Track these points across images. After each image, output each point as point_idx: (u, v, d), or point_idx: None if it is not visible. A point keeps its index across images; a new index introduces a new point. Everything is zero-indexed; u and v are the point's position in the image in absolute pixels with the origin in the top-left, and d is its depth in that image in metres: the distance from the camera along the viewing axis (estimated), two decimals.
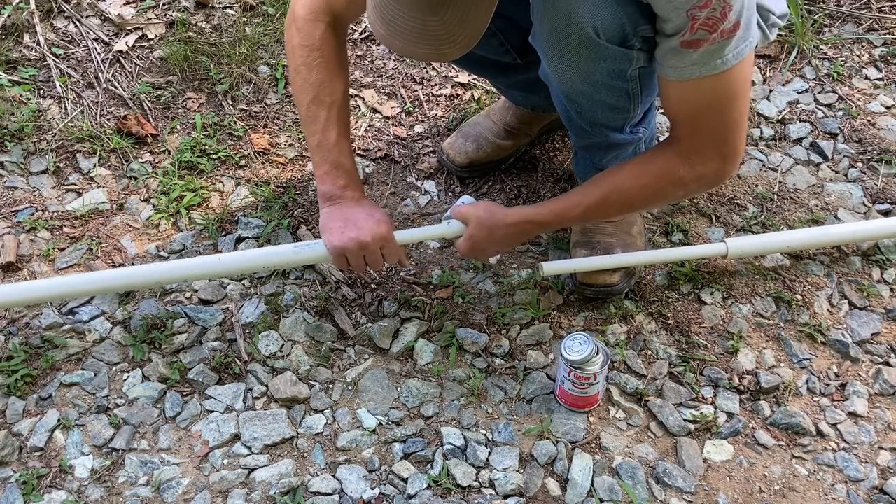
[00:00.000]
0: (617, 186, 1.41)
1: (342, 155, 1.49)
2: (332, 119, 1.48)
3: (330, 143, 1.48)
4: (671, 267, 1.70)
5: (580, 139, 1.58)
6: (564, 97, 1.43)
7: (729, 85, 1.27)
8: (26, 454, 1.41)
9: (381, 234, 1.45)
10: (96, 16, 2.19)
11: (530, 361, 1.56)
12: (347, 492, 1.38)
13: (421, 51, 1.15)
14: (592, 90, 1.36)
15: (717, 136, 1.33)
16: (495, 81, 1.84)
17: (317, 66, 1.47)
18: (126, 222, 1.78)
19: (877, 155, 1.94)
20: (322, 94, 1.47)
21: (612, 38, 1.25)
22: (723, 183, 1.74)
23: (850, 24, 2.26)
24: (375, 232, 1.45)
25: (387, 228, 1.47)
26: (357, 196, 1.50)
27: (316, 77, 1.47)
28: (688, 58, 1.22)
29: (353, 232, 1.45)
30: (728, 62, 1.23)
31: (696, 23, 1.17)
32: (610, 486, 1.40)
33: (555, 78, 1.40)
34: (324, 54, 1.47)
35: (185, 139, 1.93)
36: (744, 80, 1.28)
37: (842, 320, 1.64)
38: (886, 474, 1.43)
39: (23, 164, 1.87)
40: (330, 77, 1.47)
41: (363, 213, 1.47)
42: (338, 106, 1.48)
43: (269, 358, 1.55)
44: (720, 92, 1.27)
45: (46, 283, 1.53)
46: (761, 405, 1.51)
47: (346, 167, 1.49)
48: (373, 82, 2.11)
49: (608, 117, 1.44)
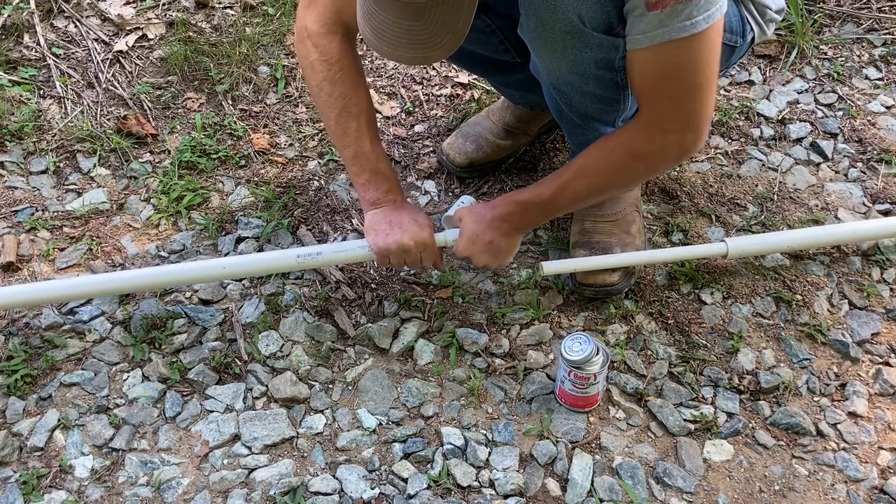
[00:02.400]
0: (583, 165, 1.42)
1: (380, 161, 1.52)
2: (363, 128, 1.50)
3: (366, 152, 1.51)
4: (671, 267, 1.70)
5: (573, 136, 1.59)
6: (554, 89, 1.43)
7: (696, 50, 1.23)
8: (26, 454, 1.41)
9: (423, 239, 1.50)
10: (96, 16, 2.19)
11: (530, 361, 1.56)
12: (347, 492, 1.38)
13: (406, 54, 1.18)
14: (581, 81, 1.35)
15: (678, 105, 1.29)
16: (494, 80, 1.85)
17: (339, 79, 1.49)
18: (126, 222, 1.78)
19: (877, 155, 1.94)
20: (349, 106, 1.50)
21: (597, 25, 1.24)
22: (688, 157, 1.66)
23: (850, 24, 2.26)
24: (418, 236, 1.49)
25: (429, 233, 1.51)
26: (400, 200, 1.54)
27: (340, 91, 1.49)
28: (655, 19, 1.19)
29: (397, 234, 1.49)
30: (698, 24, 1.19)
31: None
32: (610, 486, 1.40)
33: (543, 69, 1.40)
34: (343, 66, 1.49)
35: (185, 139, 1.93)
36: (711, 47, 1.25)
37: (842, 320, 1.64)
38: (886, 474, 1.43)
39: (23, 164, 1.87)
40: (353, 88, 1.50)
41: (407, 216, 1.52)
42: (366, 115, 1.51)
43: (269, 358, 1.55)
44: (686, 57, 1.24)
45: (53, 285, 1.55)
46: (761, 405, 1.51)
47: (385, 173, 1.53)
48: (373, 82, 2.11)
49: (598, 109, 1.43)
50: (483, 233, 1.49)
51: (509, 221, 1.49)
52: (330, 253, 1.56)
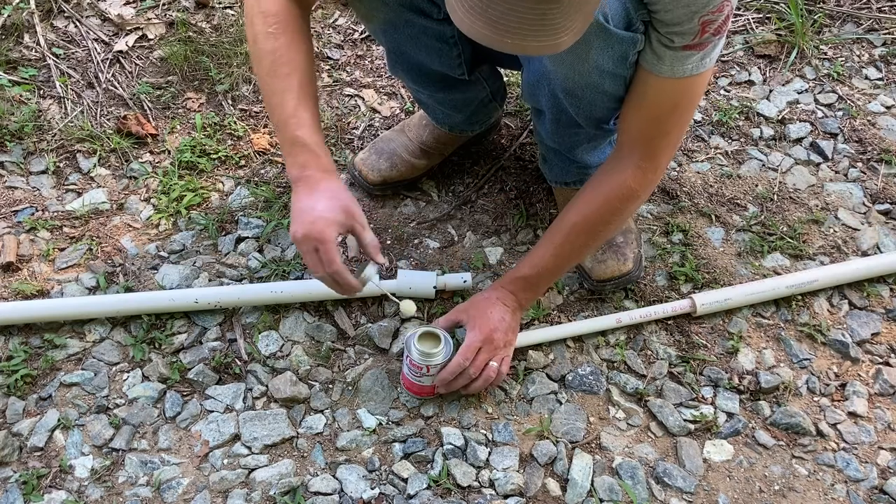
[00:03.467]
0: (578, 217, 1.40)
1: (299, 127, 1.31)
2: (291, 90, 1.32)
3: (287, 117, 1.31)
4: (671, 267, 1.70)
5: (561, 140, 1.57)
6: (566, 93, 1.40)
7: (703, 84, 1.25)
8: (26, 454, 1.41)
9: (315, 233, 1.26)
10: (96, 16, 2.19)
11: (530, 361, 1.56)
12: (347, 492, 1.38)
13: (535, 44, 1.03)
14: (600, 80, 1.32)
15: (674, 139, 1.32)
16: (433, 96, 1.71)
17: (272, 34, 1.32)
18: (126, 222, 1.78)
19: (877, 155, 1.94)
20: (279, 65, 1.33)
21: (619, 22, 1.22)
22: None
23: (850, 24, 2.26)
24: (310, 229, 1.27)
25: (325, 223, 1.28)
26: (318, 176, 1.32)
27: (271, 46, 1.32)
28: (689, 59, 1.21)
29: (296, 225, 1.29)
30: (714, 59, 1.22)
31: (707, 27, 1.15)
32: (610, 486, 1.40)
33: (560, 74, 1.35)
34: (280, 21, 1.32)
35: (185, 139, 1.93)
36: (704, 87, 1.28)
37: (842, 320, 1.64)
38: (886, 474, 1.43)
39: (23, 164, 1.87)
40: (287, 46, 1.33)
41: (311, 202, 1.29)
42: (298, 76, 1.33)
43: (269, 358, 1.55)
44: (697, 90, 1.26)
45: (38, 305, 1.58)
46: (761, 405, 1.51)
47: (301, 141, 1.31)
48: (373, 82, 2.11)
49: (605, 109, 1.41)
50: (494, 313, 1.44)
51: (516, 298, 1.46)
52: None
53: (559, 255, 1.43)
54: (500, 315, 1.44)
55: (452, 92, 1.66)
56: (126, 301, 1.58)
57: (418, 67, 1.58)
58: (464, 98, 1.68)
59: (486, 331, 1.42)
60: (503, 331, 1.44)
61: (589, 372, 1.54)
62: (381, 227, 1.78)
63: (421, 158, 1.81)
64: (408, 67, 1.60)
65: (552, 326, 1.59)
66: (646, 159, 1.34)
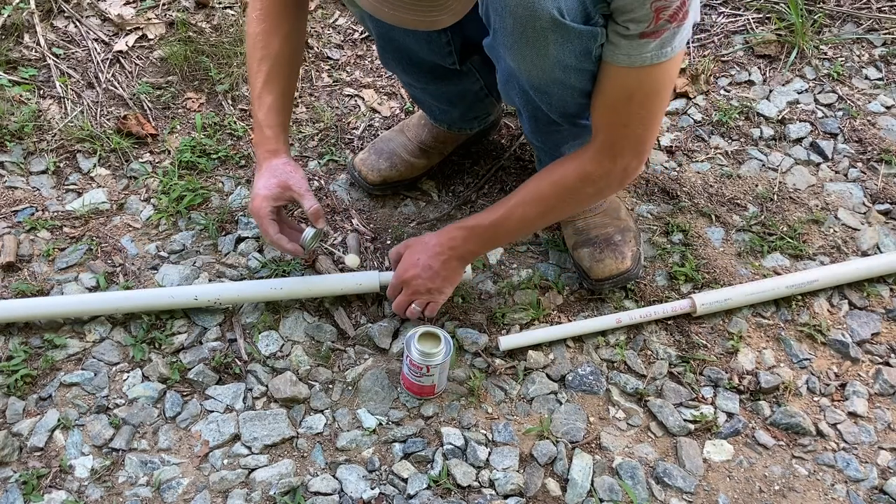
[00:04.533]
0: (533, 190, 1.42)
1: (259, 109, 1.43)
2: (261, 72, 1.43)
3: (253, 99, 1.42)
4: (671, 267, 1.70)
5: (544, 138, 1.57)
6: (534, 90, 1.39)
7: (663, 75, 1.25)
8: (26, 454, 1.41)
9: (252, 211, 1.40)
10: (96, 16, 2.19)
11: (530, 361, 1.56)
12: (347, 492, 1.38)
13: (411, 17, 1.06)
14: (564, 75, 1.32)
15: (632, 131, 1.32)
16: (426, 89, 1.72)
17: (257, 18, 1.42)
18: (126, 222, 1.78)
19: (877, 155, 1.94)
20: (256, 49, 1.42)
21: (577, 17, 1.22)
22: (628, 183, 1.55)
23: (850, 24, 2.26)
24: (249, 208, 1.39)
25: (257, 204, 1.43)
26: (264, 156, 1.45)
27: (255, 30, 1.43)
28: (646, 47, 1.20)
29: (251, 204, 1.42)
30: (675, 49, 1.21)
31: (661, 13, 1.16)
32: (610, 486, 1.40)
33: (524, 72, 1.35)
34: (266, 6, 1.42)
35: (185, 139, 1.93)
36: (671, 77, 1.27)
37: (842, 320, 1.64)
38: (886, 474, 1.43)
39: (23, 164, 1.87)
40: (268, 32, 1.42)
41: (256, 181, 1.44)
42: (271, 61, 1.42)
43: (269, 358, 1.55)
44: (650, 82, 1.26)
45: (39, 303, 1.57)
46: (761, 405, 1.51)
47: (258, 123, 1.43)
48: (373, 82, 2.11)
49: (576, 104, 1.40)
50: (423, 258, 1.47)
51: (452, 248, 1.47)
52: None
53: (509, 217, 1.44)
54: (427, 262, 1.48)
55: (445, 84, 1.66)
56: (126, 298, 1.57)
57: (408, 56, 1.58)
58: (457, 91, 1.68)
59: (406, 276, 1.49)
60: (426, 278, 1.49)
61: (589, 372, 1.54)
62: (381, 227, 1.78)
63: (420, 158, 1.82)
64: (398, 57, 1.60)
65: (552, 326, 1.59)
66: (605, 147, 1.35)
